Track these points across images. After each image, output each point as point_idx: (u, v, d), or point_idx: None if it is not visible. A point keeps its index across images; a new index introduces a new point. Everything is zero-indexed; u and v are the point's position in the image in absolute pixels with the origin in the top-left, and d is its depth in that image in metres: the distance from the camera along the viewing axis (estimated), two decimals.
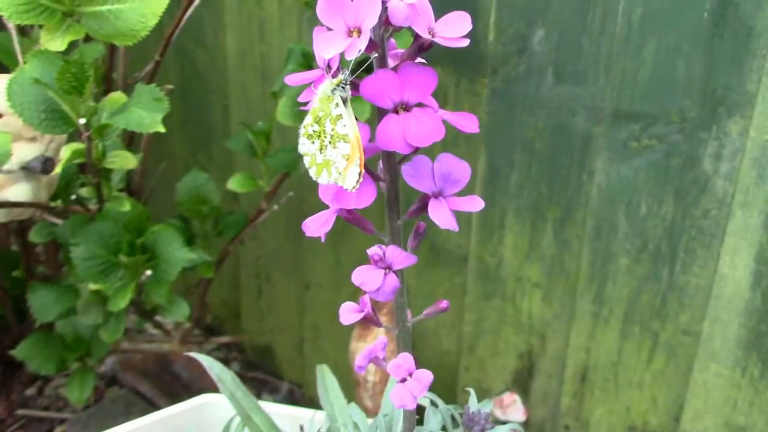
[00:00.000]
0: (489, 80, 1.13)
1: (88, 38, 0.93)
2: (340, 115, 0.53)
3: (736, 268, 1.02)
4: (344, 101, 0.53)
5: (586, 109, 1.06)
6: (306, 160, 0.56)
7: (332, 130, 0.54)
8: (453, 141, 1.19)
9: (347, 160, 0.53)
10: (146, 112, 0.86)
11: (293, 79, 0.56)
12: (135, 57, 1.32)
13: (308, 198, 1.40)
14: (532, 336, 1.23)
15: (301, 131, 0.56)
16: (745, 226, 0.99)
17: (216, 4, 1.37)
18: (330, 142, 0.54)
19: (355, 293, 1.43)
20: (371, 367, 1.30)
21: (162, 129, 0.86)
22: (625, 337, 1.14)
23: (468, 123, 0.56)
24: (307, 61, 1.10)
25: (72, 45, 0.93)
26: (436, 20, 0.54)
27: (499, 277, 1.23)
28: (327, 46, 0.50)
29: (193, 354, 0.81)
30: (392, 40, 0.55)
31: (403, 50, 0.56)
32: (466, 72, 1.15)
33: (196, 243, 1.25)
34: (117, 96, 0.92)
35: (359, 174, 0.53)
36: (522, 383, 1.28)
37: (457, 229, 0.56)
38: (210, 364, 0.78)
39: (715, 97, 0.97)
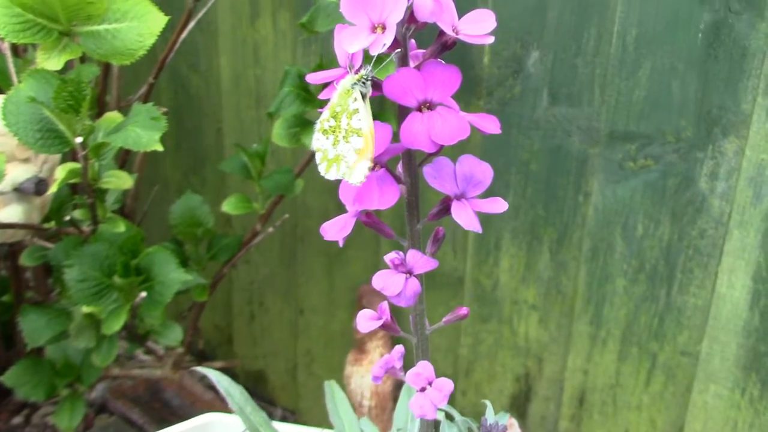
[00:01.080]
0: (484, 102, 1.13)
1: (83, 58, 0.92)
2: (357, 109, 0.53)
3: (734, 287, 1.02)
4: (363, 96, 0.53)
5: (581, 130, 1.07)
6: (318, 156, 0.56)
7: (347, 124, 0.53)
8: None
9: (358, 154, 0.53)
10: (143, 130, 0.85)
11: (315, 77, 0.56)
12: (128, 80, 1.32)
13: (302, 222, 1.40)
14: (529, 359, 1.22)
15: (317, 126, 0.55)
16: (742, 245, 0.99)
17: (210, 27, 1.37)
18: (344, 137, 0.54)
19: (350, 319, 1.42)
20: (367, 392, 1.28)
21: (160, 147, 0.85)
22: (623, 359, 1.13)
23: (490, 124, 0.56)
24: (303, 83, 1.10)
25: (65, 67, 0.93)
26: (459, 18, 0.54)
27: (496, 299, 1.23)
28: (352, 42, 0.50)
29: (200, 368, 0.80)
30: (412, 40, 0.54)
31: (423, 50, 0.56)
32: (462, 95, 1.15)
33: (189, 266, 1.24)
34: (113, 116, 0.91)
35: (368, 168, 0.53)
36: (519, 407, 1.26)
37: (480, 230, 0.56)
38: (218, 378, 0.77)
39: (711, 117, 0.97)
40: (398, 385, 1.33)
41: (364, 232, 1.35)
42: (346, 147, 0.54)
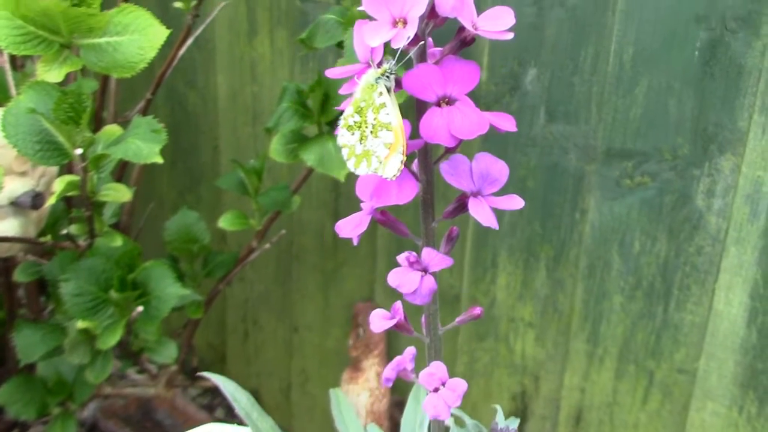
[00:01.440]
0: None
1: (83, 71, 0.92)
2: (384, 103, 0.53)
3: (731, 304, 1.02)
4: (388, 90, 0.54)
5: (578, 147, 1.07)
6: (344, 152, 0.56)
7: (374, 119, 0.54)
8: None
9: (389, 148, 0.53)
10: (144, 142, 0.85)
11: (334, 72, 0.56)
12: (125, 96, 1.32)
13: (298, 239, 1.40)
14: (525, 377, 1.22)
15: (341, 122, 0.56)
16: (739, 262, 1.00)
17: (208, 45, 1.38)
18: (371, 132, 0.54)
19: (345, 336, 1.42)
20: (363, 410, 1.27)
21: (160, 160, 0.85)
22: (620, 377, 1.13)
23: (506, 123, 0.56)
24: (301, 99, 1.10)
25: (64, 81, 0.93)
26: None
27: (492, 317, 1.22)
28: (374, 36, 0.51)
29: (205, 374, 0.79)
30: (430, 39, 0.55)
31: (440, 48, 0.56)
32: None
33: (185, 283, 1.23)
34: (112, 128, 0.91)
35: (401, 162, 0.53)
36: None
37: (497, 227, 0.56)
38: (224, 383, 0.76)
39: (707, 134, 0.98)
40: (395, 404, 1.32)
41: (360, 249, 1.35)
42: (375, 142, 0.54)
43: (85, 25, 0.87)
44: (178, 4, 1.11)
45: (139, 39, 0.88)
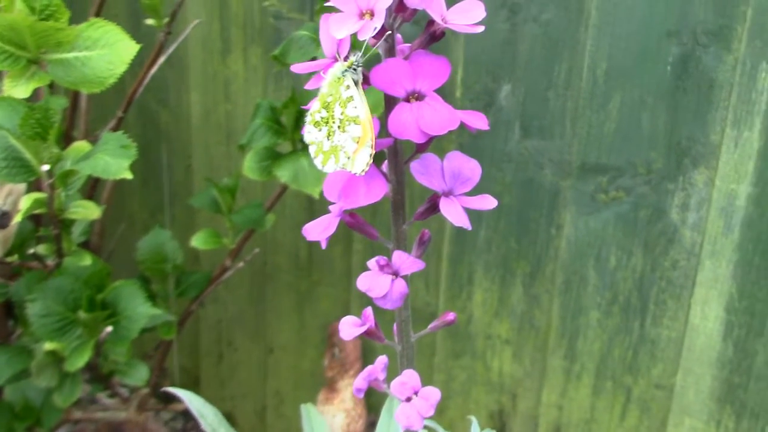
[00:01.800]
0: (456, 135, 1.13)
1: (51, 87, 0.91)
2: (351, 96, 0.52)
3: (707, 318, 1.02)
4: (355, 83, 0.52)
5: (553, 162, 1.07)
6: (312, 149, 0.54)
7: (342, 113, 0.52)
8: (420, 196, 1.18)
9: (357, 142, 0.52)
10: (113, 158, 0.83)
11: (300, 67, 0.55)
12: (96, 115, 1.30)
13: (272, 258, 1.38)
14: (503, 395, 1.21)
15: (308, 119, 0.54)
16: (715, 276, 1.00)
17: (181, 63, 1.37)
18: (339, 127, 0.53)
19: (321, 357, 1.40)
20: (338, 431, 1.25)
21: (129, 175, 0.83)
22: (598, 393, 1.12)
23: (477, 121, 0.55)
24: (275, 116, 1.09)
25: (32, 98, 0.91)
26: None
27: (469, 334, 1.21)
28: (340, 27, 0.50)
29: (170, 389, 0.77)
30: (398, 35, 0.54)
31: (409, 45, 0.55)
32: None
33: (157, 304, 1.21)
34: (81, 145, 0.90)
35: (370, 156, 0.52)
36: None
37: (470, 227, 0.54)
38: (190, 398, 0.74)
39: (680, 148, 0.98)
40: (371, 424, 1.30)
41: (335, 268, 1.33)
42: (343, 137, 0.52)
43: (53, 40, 0.85)
44: (150, 21, 1.09)
45: (108, 54, 0.86)
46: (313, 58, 1.01)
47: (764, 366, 1.00)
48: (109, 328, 0.98)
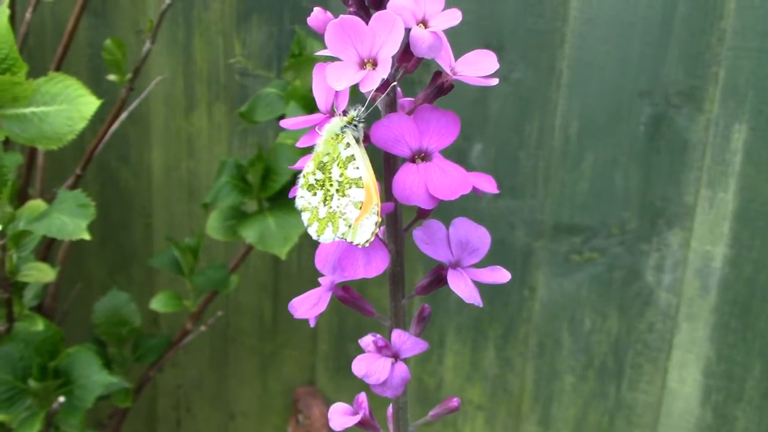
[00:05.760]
0: None
1: (6, 143, 0.87)
2: (352, 156, 0.46)
3: (685, 382, 0.99)
4: (357, 141, 0.46)
5: (525, 222, 1.05)
6: (305, 217, 0.48)
7: (341, 175, 0.46)
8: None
9: (360, 208, 0.46)
10: (69, 218, 0.79)
11: (290, 122, 0.49)
12: (53, 173, 1.26)
13: (234, 321, 1.33)
14: None
15: (300, 182, 0.48)
16: (692, 338, 0.98)
17: (143, 119, 1.33)
18: (338, 191, 0.46)
19: (284, 424, 1.34)
20: None
21: (87, 236, 0.79)
22: None
23: (487, 184, 0.49)
24: (241, 173, 1.06)
25: None
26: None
27: (439, 399, 1.17)
28: (338, 78, 0.44)
29: None
30: (398, 88, 0.48)
31: (410, 99, 0.50)
32: None
33: (113, 369, 1.15)
34: (36, 203, 0.85)
35: (376, 224, 0.45)
36: None
37: (481, 304, 0.49)
38: None
39: (654, 208, 0.97)
40: None
41: (300, 330, 1.29)
42: (342, 202, 0.46)
43: (8, 95, 0.82)
44: (112, 77, 1.06)
45: (68, 109, 0.83)
46: (281, 116, 0.99)
47: None
48: (62, 399, 0.92)
